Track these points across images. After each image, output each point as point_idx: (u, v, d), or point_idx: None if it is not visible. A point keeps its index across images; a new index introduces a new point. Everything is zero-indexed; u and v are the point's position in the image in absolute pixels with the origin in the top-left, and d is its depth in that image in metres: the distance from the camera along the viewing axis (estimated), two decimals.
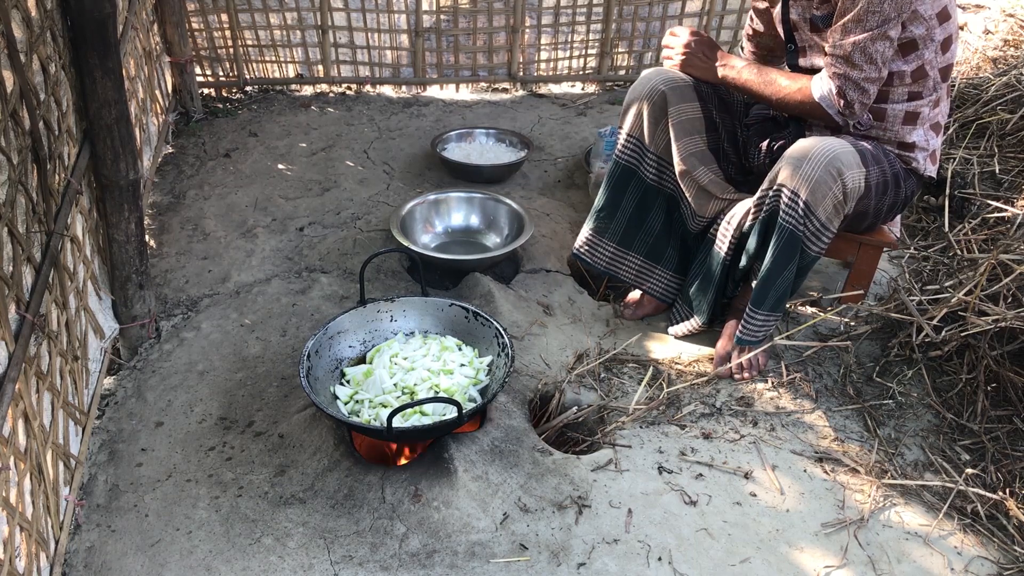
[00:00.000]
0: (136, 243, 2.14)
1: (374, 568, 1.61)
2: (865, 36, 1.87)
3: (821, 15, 2.01)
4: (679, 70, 2.23)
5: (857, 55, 1.89)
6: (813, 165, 1.89)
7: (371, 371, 1.95)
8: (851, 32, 1.88)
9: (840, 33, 1.91)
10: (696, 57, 2.19)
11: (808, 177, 1.89)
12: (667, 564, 1.65)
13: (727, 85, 2.18)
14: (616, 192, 2.31)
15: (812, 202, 1.91)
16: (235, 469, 1.84)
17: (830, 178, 1.89)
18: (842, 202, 1.93)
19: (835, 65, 1.94)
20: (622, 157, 2.28)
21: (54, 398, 1.67)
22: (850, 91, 1.94)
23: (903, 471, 1.89)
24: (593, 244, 2.37)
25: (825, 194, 1.90)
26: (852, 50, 1.89)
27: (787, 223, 1.95)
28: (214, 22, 3.64)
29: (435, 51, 3.86)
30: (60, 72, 1.86)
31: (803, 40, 2.13)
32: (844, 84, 1.94)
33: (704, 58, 2.19)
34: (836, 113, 1.99)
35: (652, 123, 2.21)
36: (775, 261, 1.99)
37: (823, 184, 1.89)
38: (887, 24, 1.85)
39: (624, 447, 1.92)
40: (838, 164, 1.89)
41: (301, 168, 3.20)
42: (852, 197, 1.94)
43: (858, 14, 1.85)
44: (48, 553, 1.55)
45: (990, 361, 2.01)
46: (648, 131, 2.23)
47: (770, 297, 2.03)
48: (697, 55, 2.19)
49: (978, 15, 4.53)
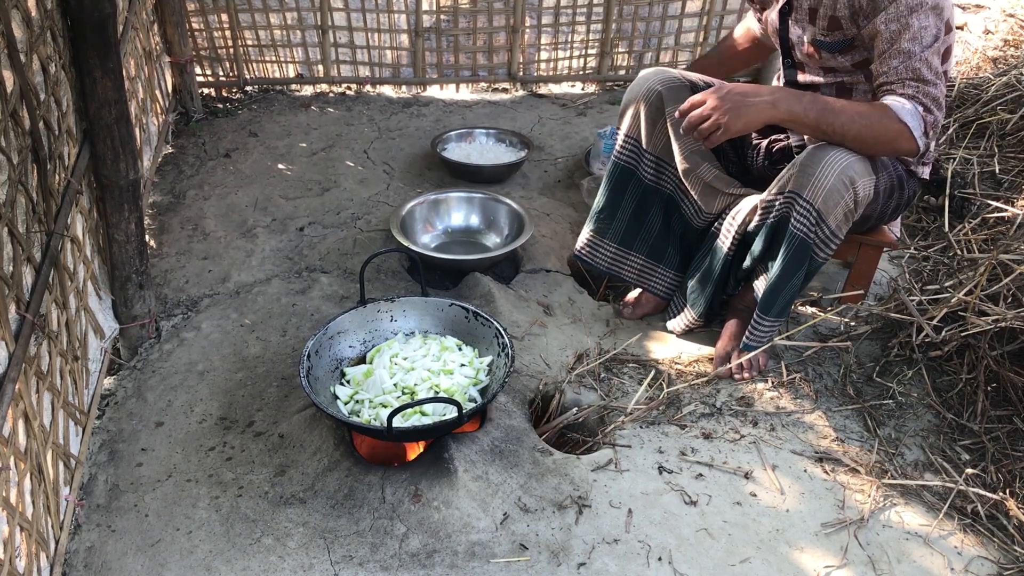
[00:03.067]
0: (136, 243, 2.14)
1: (374, 568, 1.61)
2: (927, 52, 1.81)
3: (831, 42, 1.96)
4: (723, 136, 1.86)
5: (926, 71, 1.82)
6: (826, 174, 1.86)
7: (371, 371, 1.95)
8: (911, 53, 1.81)
9: (898, 57, 1.82)
10: (736, 104, 1.84)
11: (821, 186, 1.87)
12: (667, 564, 1.65)
13: (785, 121, 1.88)
14: (616, 192, 2.30)
15: (824, 211, 1.89)
16: (235, 469, 1.84)
17: (843, 187, 1.86)
18: (853, 210, 1.92)
19: (909, 86, 1.83)
20: (620, 158, 2.28)
21: (54, 398, 1.67)
22: (933, 107, 1.85)
23: (903, 471, 1.89)
24: (594, 245, 2.37)
25: (837, 202, 1.88)
26: (920, 66, 1.81)
27: (798, 231, 1.93)
28: (214, 22, 3.64)
29: (435, 51, 3.86)
30: (60, 72, 1.86)
31: (800, 59, 2.10)
32: (926, 100, 1.82)
33: (743, 98, 1.85)
34: (921, 134, 1.83)
35: (649, 124, 2.21)
36: (785, 268, 1.98)
37: (836, 192, 1.87)
38: (938, 39, 1.81)
39: (624, 447, 1.92)
40: (851, 173, 1.86)
41: (301, 168, 3.20)
42: (863, 205, 1.93)
43: (913, 33, 1.79)
44: (48, 553, 1.55)
45: (990, 361, 2.01)
46: (646, 132, 2.22)
47: (778, 303, 2.03)
48: (735, 99, 1.85)
49: (978, 15, 4.53)
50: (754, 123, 1.85)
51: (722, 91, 1.86)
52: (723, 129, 1.83)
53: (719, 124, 1.83)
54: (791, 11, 2.04)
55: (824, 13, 1.93)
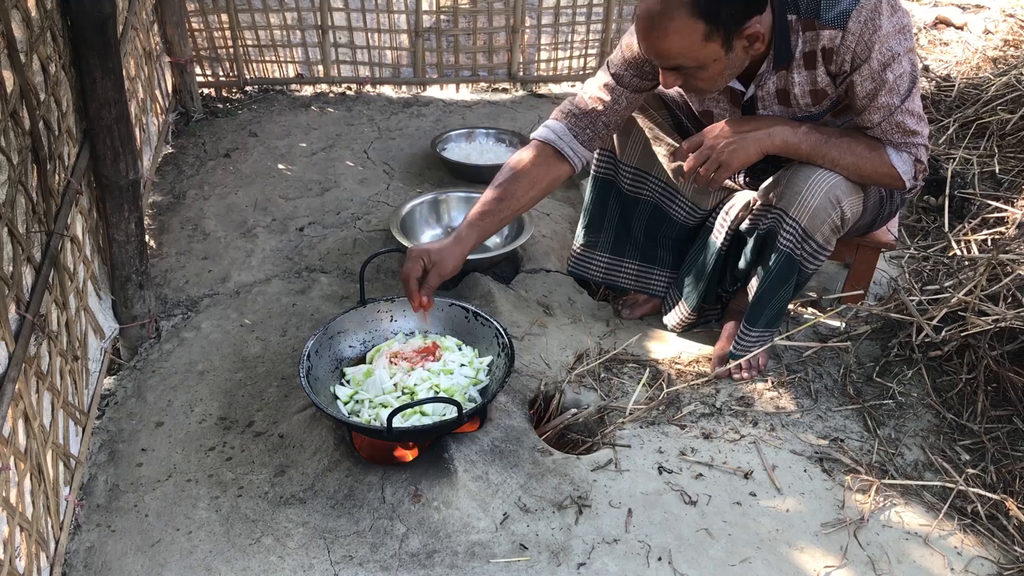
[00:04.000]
0: (136, 243, 2.14)
1: (374, 568, 1.61)
2: (907, 101, 1.78)
3: (820, 111, 1.88)
4: (725, 174, 1.86)
5: (909, 121, 1.80)
6: (813, 192, 1.86)
7: (371, 371, 1.95)
8: (891, 107, 1.78)
9: (879, 112, 1.79)
10: (731, 140, 1.85)
11: (808, 205, 1.87)
12: (667, 564, 1.65)
13: (781, 151, 1.87)
14: (599, 205, 2.31)
15: (811, 228, 1.89)
16: (235, 469, 1.84)
17: (829, 205, 1.87)
18: (839, 227, 1.92)
19: (895, 139, 1.83)
20: (599, 171, 2.27)
21: (54, 398, 1.67)
22: (922, 154, 1.86)
23: (903, 471, 1.89)
24: (586, 258, 2.38)
25: (824, 220, 1.89)
26: (904, 118, 1.79)
27: (785, 247, 1.94)
28: (214, 22, 3.64)
29: (435, 51, 3.86)
30: (60, 72, 1.86)
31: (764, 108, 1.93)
32: (916, 151, 1.84)
33: (739, 132, 1.85)
34: (911, 178, 1.87)
35: (622, 135, 2.19)
36: (771, 282, 1.99)
37: (822, 211, 1.87)
38: (916, 81, 1.79)
39: (624, 447, 1.92)
40: (837, 192, 1.86)
41: (301, 168, 3.20)
42: (850, 222, 1.94)
43: (890, 87, 1.75)
44: (48, 553, 1.55)
45: (990, 361, 2.01)
46: (619, 144, 2.21)
47: (764, 316, 2.04)
48: (730, 135, 1.85)
49: (978, 15, 4.53)
50: (753, 156, 1.86)
51: (715, 130, 1.88)
52: (723, 167, 1.85)
53: (719, 163, 1.85)
54: (754, 104, 1.91)
55: (801, 92, 1.85)
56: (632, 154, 2.21)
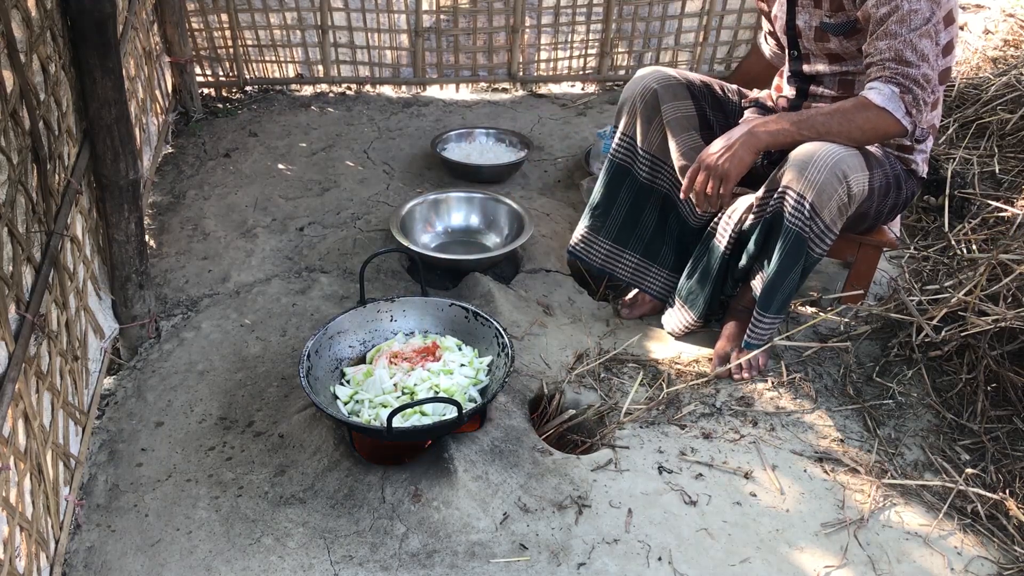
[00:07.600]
0: (136, 243, 2.14)
1: (374, 568, 1.61)
2: (913, 34, 1.82)
3: (836, 23, 1.97)
4: (729, 185, 1.96)
5: (909, 53, 1.83)
6: (818, 168, 1.88)
7: (371, 371, 1.95)
8: (897, 34, 1.83)
9: (885, 38, 1.84)
10: (722, 154, 1.95)
11: (814, 180, 1.88)
12: (667, 564, 1.65)
13: (772, 144, 1.97)
14: (611, 190, 2.31)
15: (818, 204, 1.90)
16: (235, 469, 1.84)
17: (836, 180, 1.88)
18: (846, 204, 1.93)
19: (888, 67, 1.86)
20: (616, 156, 2.28)
21: (54, 398, 1.67)
22: (914, 87, 1.86)
23: (903, 471, 1.89)
24: (589, 242, 2.37)
25: (831, 196, 1.89)
26: (903, 48, 1.83)
27: (793, 225, 1.94)
28: (214, 22, 3.63)
29: (435, 51, 3.86)
30: (60, 72, 1.86)
31: (807, 47, 2.11)
32: (906, 82, 1.85)
33: (726, 147, 1.95)
34: (904, 115, 1.87)
35: (645, 122, 2.21)
36: (782, 263, 1.98)
37: (828, 186, 1.88)
38: (929, 22, 1.82)
39: (624, 447, 1.92)
40: (843, 167, 1.88)
41: (301, 168, 3.20)
42: (856, 200, 1.94)
43: (902, 16, 1.81)
44: (48, 553, 1.55)
45: (990, 361, 2.01)
46: (641, 130, 2.23)
47: (776, 300, 2.04)
48: (719, 152, 1.96)
49: (978, 15, 4.53)
50: (748, 159, 1.94)
51: (705, 152, 1.98)
52: (725, 179, 1.94)
53: (720, 178, 1.94)
54: None
55: None
56: (652, 142, 2.23)
